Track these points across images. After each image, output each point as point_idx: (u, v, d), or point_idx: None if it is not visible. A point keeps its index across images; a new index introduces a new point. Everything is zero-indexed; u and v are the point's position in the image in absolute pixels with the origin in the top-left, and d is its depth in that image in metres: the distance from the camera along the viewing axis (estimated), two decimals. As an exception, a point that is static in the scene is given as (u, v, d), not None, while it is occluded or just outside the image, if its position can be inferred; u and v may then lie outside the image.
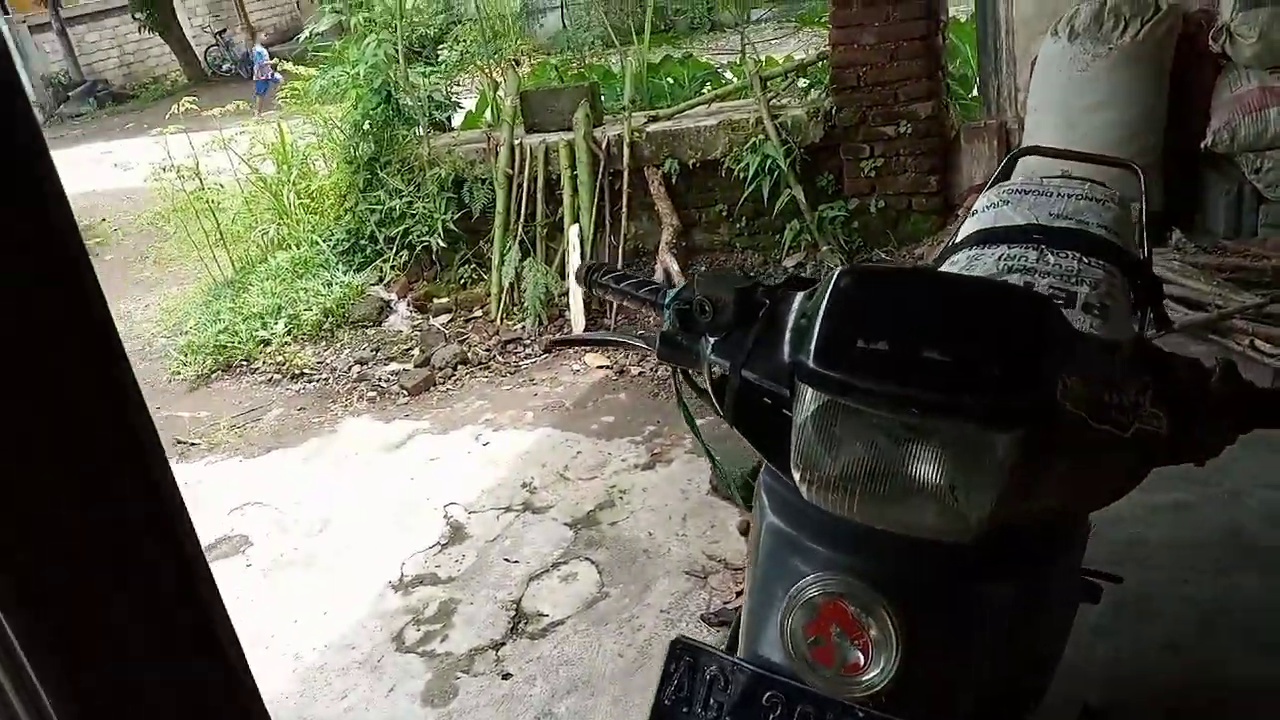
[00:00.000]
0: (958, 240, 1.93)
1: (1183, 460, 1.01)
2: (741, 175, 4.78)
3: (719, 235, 5.12)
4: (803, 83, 5.01)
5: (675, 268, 4.91)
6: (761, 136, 4.73)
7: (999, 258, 1.73)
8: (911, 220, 4.74)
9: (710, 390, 1.15)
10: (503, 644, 2.81)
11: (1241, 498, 2.57)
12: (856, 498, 1.00)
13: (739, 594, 2.95)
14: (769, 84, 4.93)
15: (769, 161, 4.68)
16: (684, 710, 1.13)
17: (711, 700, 1.12)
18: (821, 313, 1.01)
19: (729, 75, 6.07)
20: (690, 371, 1.26)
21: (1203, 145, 3.80)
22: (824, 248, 4.68)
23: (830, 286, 1.04)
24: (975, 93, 5.23)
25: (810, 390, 0.99)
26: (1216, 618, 2.17)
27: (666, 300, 1.24)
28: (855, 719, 1.04)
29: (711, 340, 1.13)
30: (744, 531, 3.24)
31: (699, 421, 1.52)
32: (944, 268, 1.79)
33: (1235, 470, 2.65)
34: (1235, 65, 3.78)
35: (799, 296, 1.13)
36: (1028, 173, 2.18)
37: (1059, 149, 2.12)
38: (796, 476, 1.03)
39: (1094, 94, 3.84)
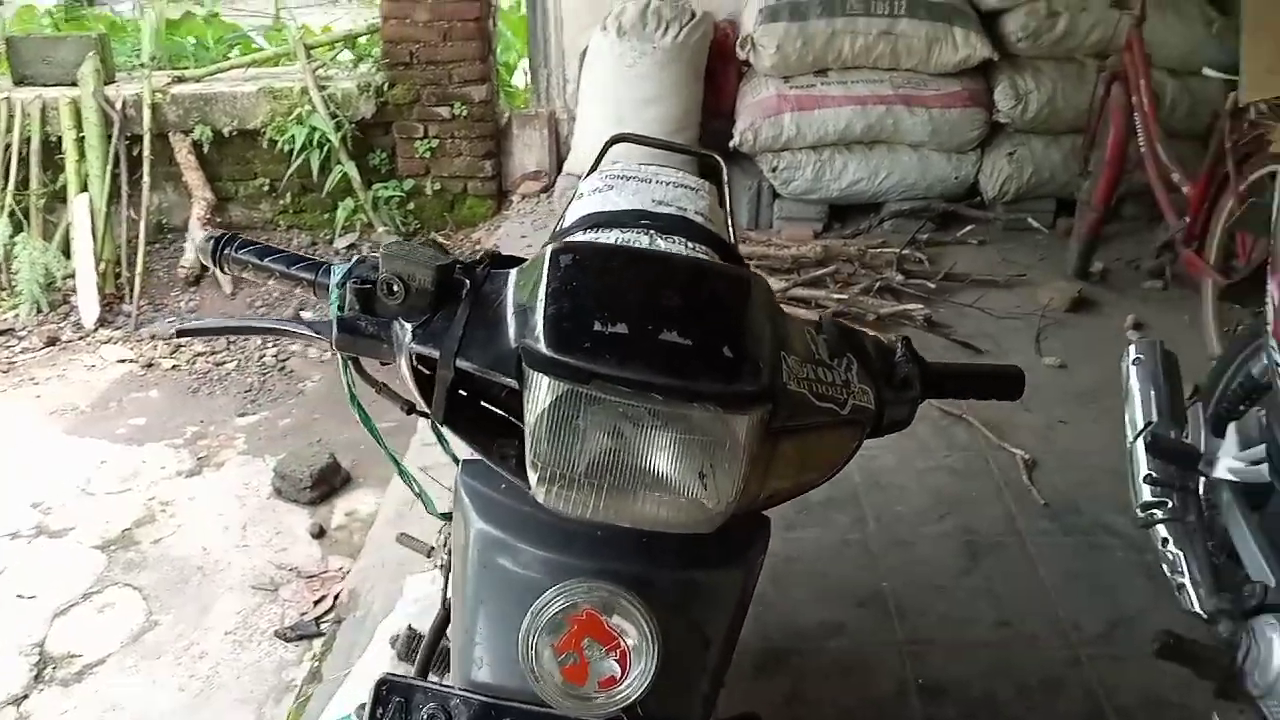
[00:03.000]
0: (567, 225, 1.89)
1: (884, 433, 1.04)
2: (287, 148, 4.41)
3: (260, 211, 4.70)
4: (346, 55, 4.75)
5: (211, 248, 4.42)
6: (309, 108, 4.40)
7: (614, 242, 1.72)
8: (468, 204, 4.70)
9: (413, 383, 0.98)
10: (25, 697, 2.31)
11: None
12: (604, 494, 0.90)
13: (316, 603, 2.71)
14: (313, 53, 4.61)
15: (318, 135, 4.37)
16: None
17: None
18: (546, 294, 0.91)
19: (261, 41, 5.60)
20: (361, 362, 1.07)
21: (731, 145, 4.18)
22: (380, 228, 4.47)
23: (548, 264, 0.94)
24: (516, 81, 5.32)
25: (546, 379, 0.87)
26: (787, 569, 2.38)
27: (338, 278, 1.04)
28: None
29: (409, 326, 0.96)
30: (316, 535, 2.99)
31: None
32: None
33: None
34: (757, 72, 4.21)
35: (512, 275, 1.00)
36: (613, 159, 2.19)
37: (651, 138, 2.18)
38: (533, 477, 0.91)
39: (642, 89, 4.06)
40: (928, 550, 2.43)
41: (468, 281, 0.98)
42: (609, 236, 1.75)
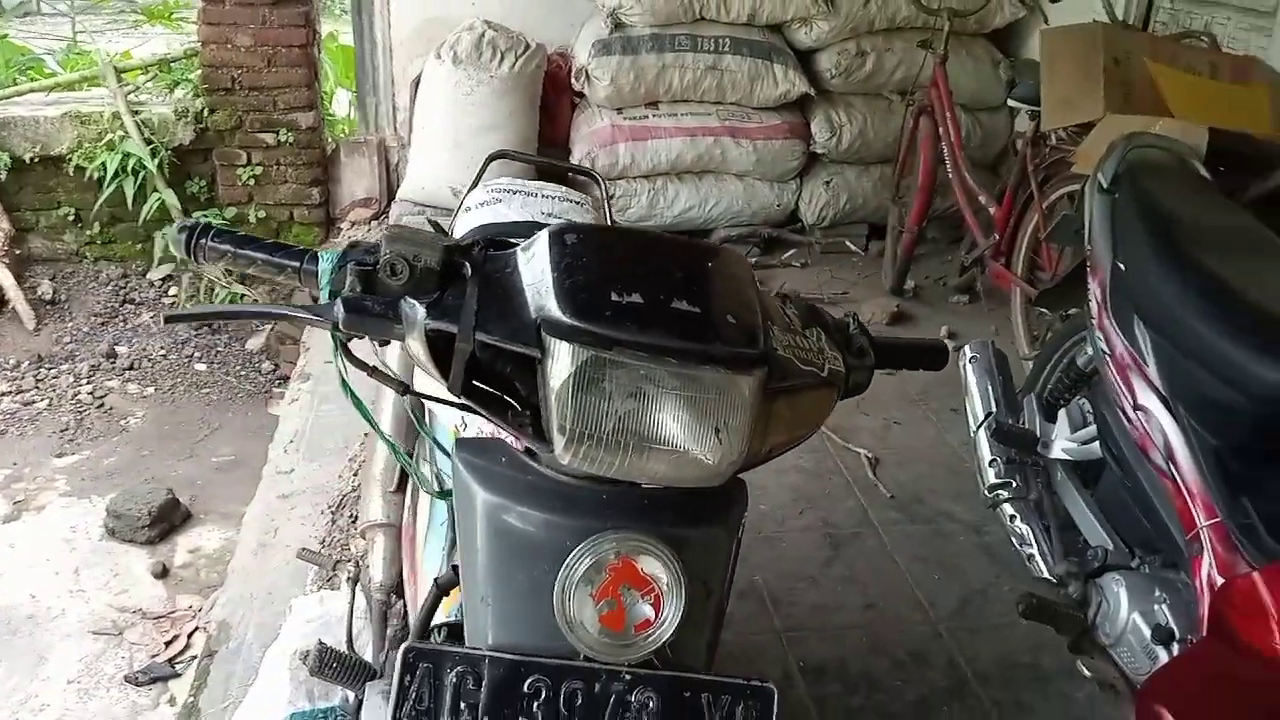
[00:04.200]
0: (458, 236, 1.92)
1: (848, 396, 1.14)
2: (97, 175, 4.16)
3: (64, 243, 4.40)
4: (149, 81, 4.52)
5: (8, 280, 4.11)
6: (121, 133, 4.17)
7: None
8: (294, 232, 4.56)
9: (429, 359, 0.99)
10: None
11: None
12: (630, 452, 0.95)
13: (168, 644, 2.56)
14: (124, 77, 4.38)
15: (132, 161, 4.15)
16: None
17: (462, 705, 0.97)
18: (558, 269, 0.97)
19: (55, 65, 5.27)
20: (350, 344, 1.07)
21: (570, 175, 4.26)
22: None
23: (551, 243, 1.00)
24: (334, 108, 5.23)
25: (570, 347, 0.92)
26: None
27: (329, 262, 1.04)
28: (623, 682, 0.98)
29: (420, 304, 0.98)
30: (159, 574, 2.83)
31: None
32: None
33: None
34: (591, 103, 4.32)
35: (518, 253, 1.04)
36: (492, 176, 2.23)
37: (531, 155, 2.24)
38: (560, 440, 0.95)
39: (480, 117, 4.09)
40: (793, 544, 2.57)
41: (467, 262, 1.01)
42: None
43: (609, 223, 2.10)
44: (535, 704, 0.97)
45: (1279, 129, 2.91)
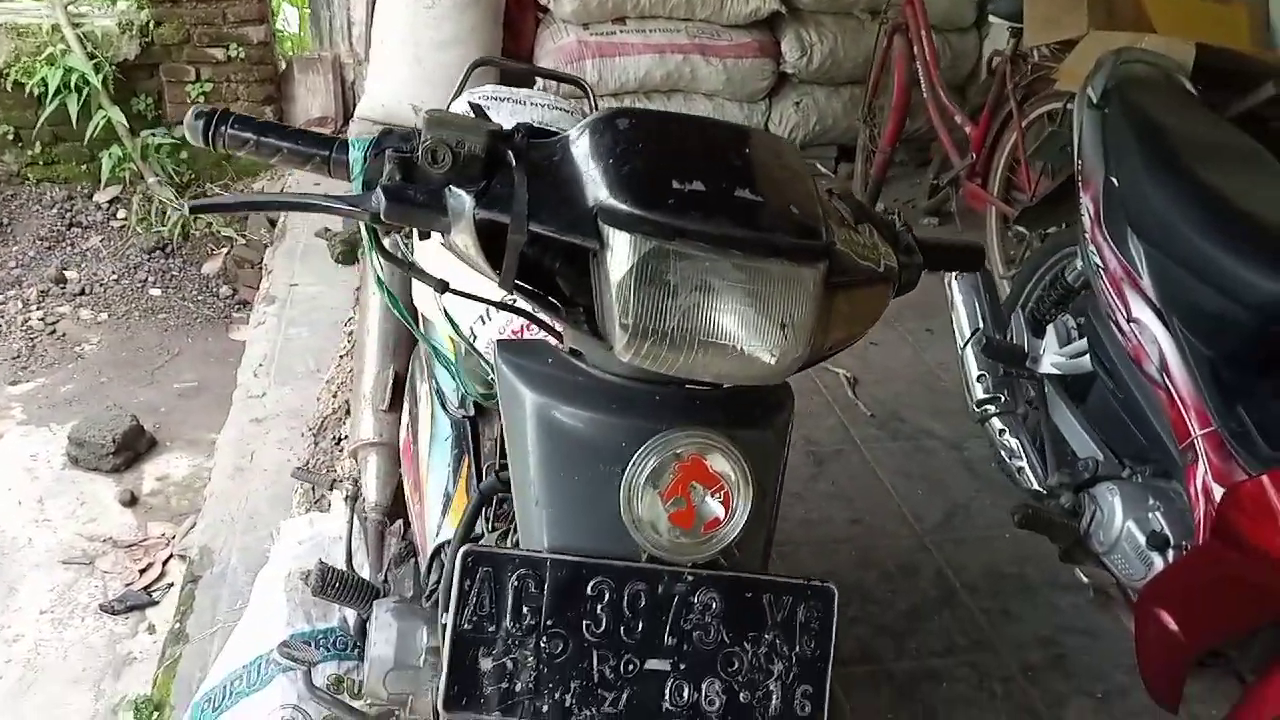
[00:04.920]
0: None
1: (899, 294, 1.10)
2: (37, 91, 3.96)
3: (4, 163, 4.21)
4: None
5: (-54, 203, 3.92)
6: (62, 47, 3.96)
7: None
8: (248, 153, 4.40)
9: (479, 251, 0.93)
10: None
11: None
12: (695, 349, 0.90)
13: (143, 572, 2.51)
14: (60, -15, 4.15)
15: (75, 77, 3.95)
16: (490, 629, 0.93)
17: (524, 609, 0.93)
18: (614, 155, 0.91)
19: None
20: (383, 237, 1.00)
21: (536, 89, 4.15)
22: (151, 179, 4.11)
23: (605, 129, 0.94)
24: (281, 25, 5.03)
25: (630, 237, 0.87)
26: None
27: (366, 149, 0.96)
28: (685, 583, 0.95)
29: (467, 194, 0.91)
30: (128, 503, 2.75)
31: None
32: None
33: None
34: (556, 19, 4.19)
35: (571, 138, 0.97)
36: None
37: (515, 62, 2.16)
38: (621, 336, 0.89)
39: (441, 31, 3.93)
40: (778, 463, 2.57)
41: (511, 150, 0.95)
42: None
43: None
44: (599, 606, 0.94)
45: (1258, 46, 2.92)
